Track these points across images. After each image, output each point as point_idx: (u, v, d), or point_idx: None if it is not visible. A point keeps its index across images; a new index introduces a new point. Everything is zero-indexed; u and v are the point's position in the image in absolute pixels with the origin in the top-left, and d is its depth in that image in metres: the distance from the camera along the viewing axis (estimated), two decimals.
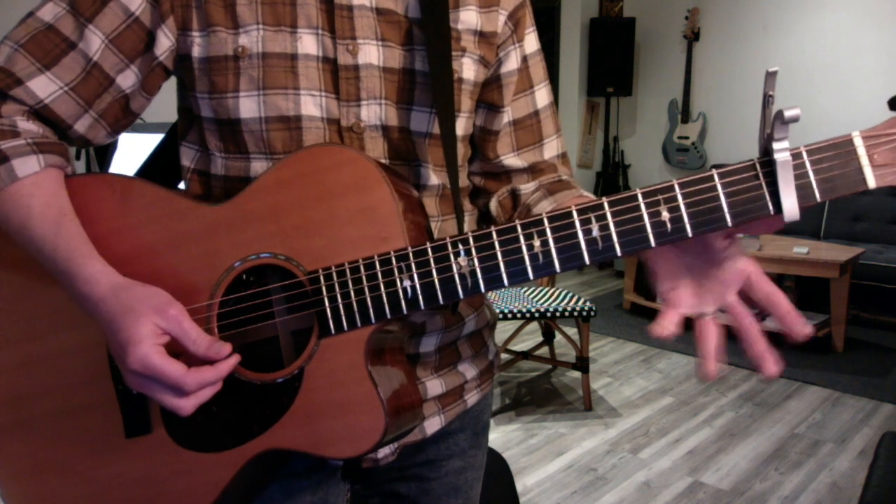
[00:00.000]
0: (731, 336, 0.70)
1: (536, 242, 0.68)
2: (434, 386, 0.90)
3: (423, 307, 0.71)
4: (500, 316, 3.16)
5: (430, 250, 0.71)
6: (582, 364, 3.33)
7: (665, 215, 0.65)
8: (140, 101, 0.83)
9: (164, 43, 0.79)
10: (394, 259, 0.72)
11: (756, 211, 0.64)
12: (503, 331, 3.83)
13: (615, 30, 5.91)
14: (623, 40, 5.87)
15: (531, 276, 0.69)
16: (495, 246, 0.69)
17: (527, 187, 0.93)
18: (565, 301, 3.28)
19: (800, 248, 4.08)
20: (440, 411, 0.91)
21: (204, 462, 0.76)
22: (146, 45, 0.79)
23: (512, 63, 0.90)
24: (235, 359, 0.73)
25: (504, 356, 3.57)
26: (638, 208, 0.66)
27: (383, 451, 0.86)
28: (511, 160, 0.93)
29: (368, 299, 0.72)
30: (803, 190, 0.62)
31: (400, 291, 0.72)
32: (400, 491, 0.94)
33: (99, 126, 0.82)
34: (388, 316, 0.72)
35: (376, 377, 0.73)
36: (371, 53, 0.80)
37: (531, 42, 0.92)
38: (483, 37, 0.86)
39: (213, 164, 0.83)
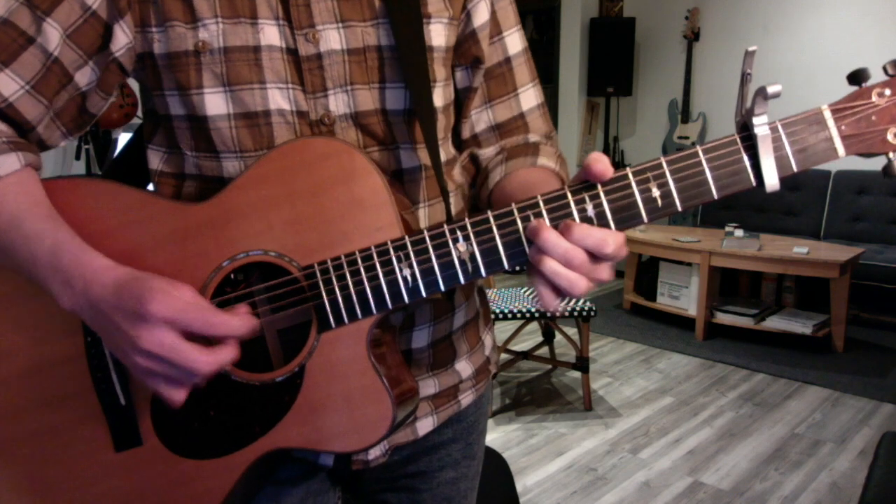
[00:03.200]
0: (732, 336, 0.70)
1: (534, 224, 0.68)
2: (427, 386, 0.88)
3: (424, 295, 0.71)
4: (500, 316, 3.16)
5: (427, 238, 0.70)
6: (582, 364, 3.33)
7: (655, 192, 0.68)
8: (96, 101, 0.79)
9: (121, 39, 0.76)
10: (391, 249, 0.71)
11: (739, 183, 0.67)
12: (503, 331, 3.83)
13: (615, 30, 5.91)
14: (623, 40, 5.87)
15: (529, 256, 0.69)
16: (493, 230, 0.69)
17: (486, 152, 0.90)
18: (565, 301, 3.28)
19: (800, 248, 4.08)
20: (433, 412, 0.89)
21: (203, 469, 0.74)
22: (104, 40, 0.75)
23: (482, 14, 0.86)
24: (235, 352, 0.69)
25: (504, 356, 3.57)
26: (629, 186, 0.68)
27: (374, 453, 0.85)
28: (480, 115, 0.90)
29: (368, 290, 0.71)
30: (781, 161, 0.66)
31: (400, 280, 0.71)
32: (391, 501, 0.93)
33: (54, 126, 0.78)
34: (390, 306, 0.71)
35: (379, 367, 0.73)
36: (332, 39, 0.77)
37: None
38: None
39: (185, 163, 0.80)
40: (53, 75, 0.74)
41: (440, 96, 0.84)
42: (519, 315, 3.18)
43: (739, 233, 4.27)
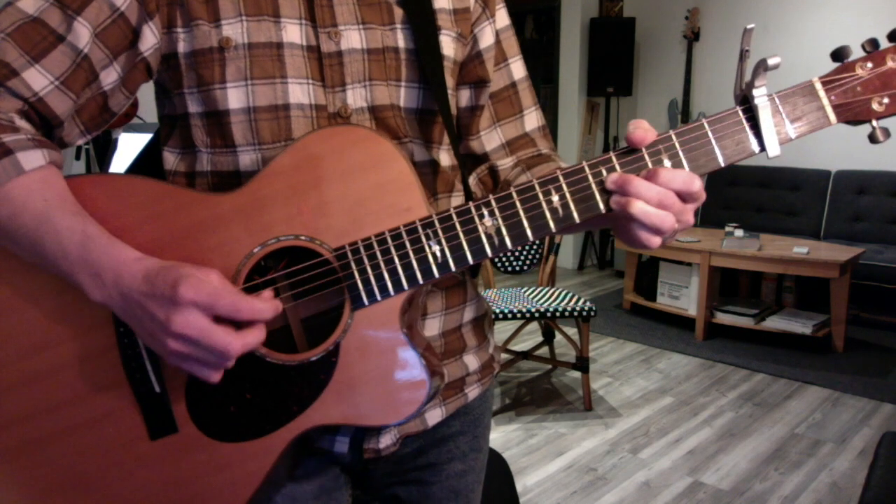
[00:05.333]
0: (732, 336, 0.71)
1: (555, 198, 0.74)
2: None
3: (453, 269, 0.74)
4: (500, 316, 3.16)
5: (454, 215, 0.74)
6: (582, 364, 3.33)
7: (667, 163, 0.73)
8: (119, 99, 0.81)
9: (150, 39, 0.78)
10: (420, 227, 0.74)
11: (743, 151, 0.73)
12: (503, 331, 3.83)
13: (615, 30, 5.91)
14: (623, 40, 5.87)
15: (553, 228, 0.74)
16: (517, 205, 0.74)
17: (504, 163, 0.95)
18: (565, 301, 3.28)
19: (800, 248, 4.08)
20: (441, 403, 0.91)
21: (242, 452, 0.75)
22: (130, 41, 0.78)
23: (488, 38, 0.92)
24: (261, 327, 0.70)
25: (504, 356, 3.57)
26: (642, 158, 0.73)
27: (385, 442, 0.87)
28: (490, 135, 0.95)
29: (399, 267, 0.74)
30: (780, 128, 0.72)
31: (430, 256, 0.74)
32: (400, 495, 0.94)
33: (73, 124, 0.79)
34: (421, 281, 0.74)
35: (413, 342, 0.75)
36: (353, 38, 0.81)
37: (502, 17, 0.94)
38: (456, 13, 0.89)
39: (198, 161, 0.83)
40: (82, 72, 0.76)
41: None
42: (519, 315, 3.18)
43: (739, 233, 4.27)
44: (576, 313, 3.21)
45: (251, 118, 0.79)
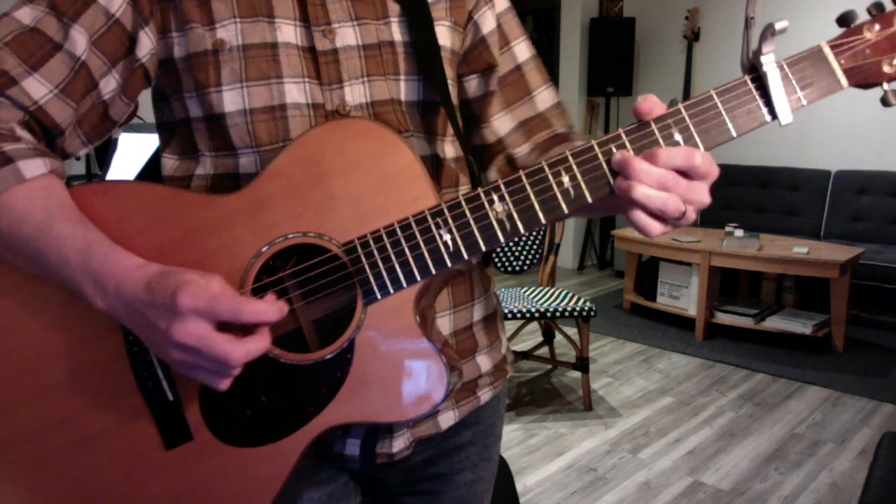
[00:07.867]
0: (732, 336, 0.70)
1: (565, 179, 0.72)
2: None
3: (465, 257, 0.73)
4: None
5: (463, 202, 0.72)
6: (582, 364, 3.33)
7: (678, 137, 0.71)
8: (120, 107, 0.81)
9: (146, 45, 0.78)
10: (429, 216, 0.72)
11: (754, 121, 0.71)
12: None
13: (615, 30, 5.91)
14: (623, 40, 5.87)
15: (566, 210, 0.72)
16: (527, 188, 0.72)
17: (520, 150, 0.93)
18: (565, 301, 3.28)
19: (800, 248, 4.08)
20: (454, 406, 0.91)
21: (259, 457, 0.74)
22: (127, 48, 0.77)
23: (490, 23, 0.91)
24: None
25: None
26: (652, 134, 0.71)
27: (399, 446, 0.86)
28: (502, 120, 0.93)
29: (410, 258, 0.72)
30: (791, 95, 0.71)
31: (441, 246, 0.72)
32: None
33: (75, 134, 0.79)
34: (433, 271, 0.72)
35: (429, 334, 0.73)
36: (348, 35, 0.81)
37: (501, 1, 0.93)
38: (451, 1, 0.88)
39: (200, 165, 0.82)
40: (81, 79, 0.75)
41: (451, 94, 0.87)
42: (519, 315, 3.18)
43: (739, 233, 4.27)
44: (576, 313, 3.21)
45: (248, 120, 0.78)
